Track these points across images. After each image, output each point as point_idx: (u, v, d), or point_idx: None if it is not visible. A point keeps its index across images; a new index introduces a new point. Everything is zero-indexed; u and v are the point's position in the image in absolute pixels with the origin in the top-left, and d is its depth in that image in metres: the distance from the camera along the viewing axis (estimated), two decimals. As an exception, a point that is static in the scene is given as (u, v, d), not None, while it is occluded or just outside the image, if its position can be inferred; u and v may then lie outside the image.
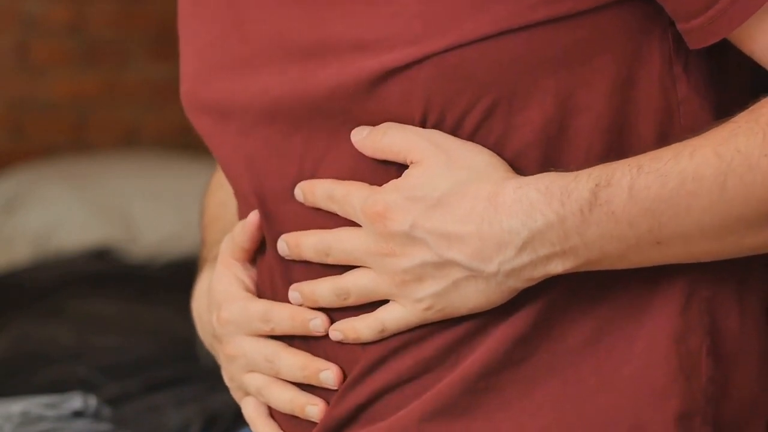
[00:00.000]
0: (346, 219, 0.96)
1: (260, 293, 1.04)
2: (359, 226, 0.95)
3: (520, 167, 0.93)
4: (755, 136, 0.89)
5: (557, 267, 0.91)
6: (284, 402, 1.01)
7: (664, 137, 0.94)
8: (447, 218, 0.91)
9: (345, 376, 0.98)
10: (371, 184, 0.95)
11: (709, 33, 0.91)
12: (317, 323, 0.98)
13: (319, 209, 0.97)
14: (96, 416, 1.44)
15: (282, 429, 1.03)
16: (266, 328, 1.01)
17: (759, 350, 0.97)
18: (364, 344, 0.96)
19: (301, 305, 0.99)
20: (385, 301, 0.95)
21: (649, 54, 0.94)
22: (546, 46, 0.92)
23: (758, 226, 0.90)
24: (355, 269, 0.95)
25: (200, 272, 1.17)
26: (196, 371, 2.17)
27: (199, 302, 1.13)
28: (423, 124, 0.94)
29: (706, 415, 0.94)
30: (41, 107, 3.40)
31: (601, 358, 0.94)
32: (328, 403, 0.99)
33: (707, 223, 0.90)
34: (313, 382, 0.99)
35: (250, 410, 1.05)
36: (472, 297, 0.92)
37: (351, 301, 0.96)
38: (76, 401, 1.43)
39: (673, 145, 0.91)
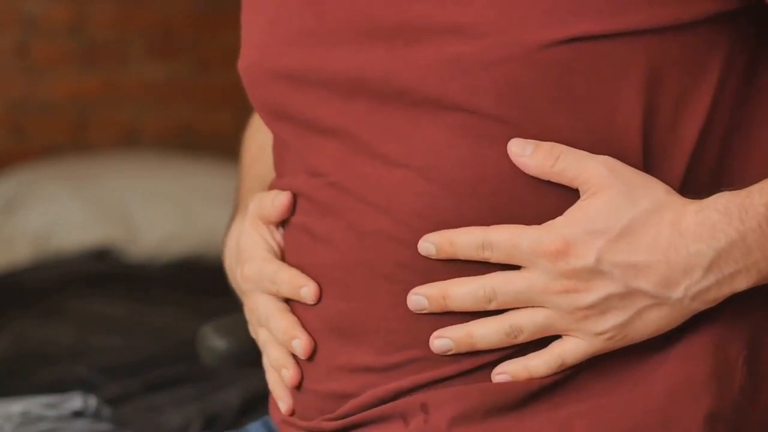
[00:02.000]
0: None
1: (286, 255, 1.06)
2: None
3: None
4: None
5: (741, 283, 0.92)
6: (272, 359, 1.06)
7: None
8: (633, 249, 0.91)
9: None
10: (453, 173, 0.94)
11: None
12: (305, 292, 1.01)
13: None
14: (96, 416, 1.44)
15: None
16: (273, 289, 1.05)
17: None
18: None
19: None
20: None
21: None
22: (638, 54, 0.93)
23: None
24: (524, 308, 0.93)
25: (233, 218, 1.20)
26: (196, 371, 2.17)
27: (230, 255, 1.16)
28: (504, 119, 0.93)
29: (729, 422, 0.95)
30: (41, 107, 3.40)
31: (638, 353, 0.95)
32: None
33: None
34: (287, 347, 1.04)
35: (264, 361, 1.09)
36: (654, 323, 0.93)
37: (521, 339, 0.94)
38: (76, 401, 1.43)
39: None
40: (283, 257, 1.06)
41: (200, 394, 2.08)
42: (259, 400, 1.99)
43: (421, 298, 0.95)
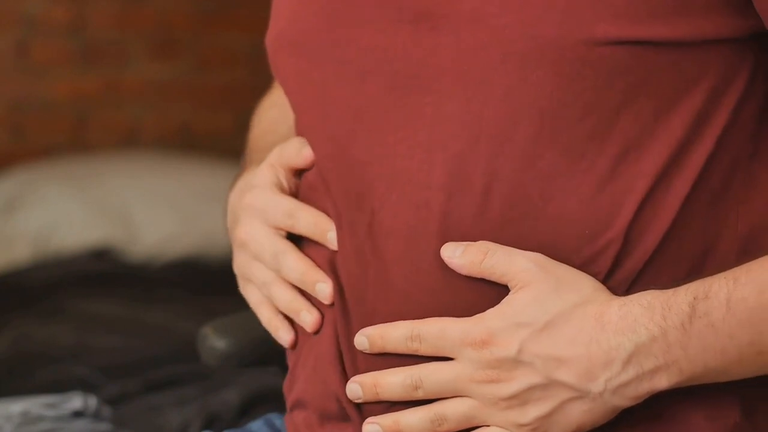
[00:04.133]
0: None
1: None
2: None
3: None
4: None
5: (662, 381, 0.92)
6: (284, 301, 1.04)
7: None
8: (556, 341, 0.92)
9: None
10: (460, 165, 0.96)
11: None
12: (332, 237, 1.01)
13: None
14: (96, 416, 1.44)
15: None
16: (287, 222, 1.04)
17: None
18: None
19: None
20: None
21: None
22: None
23: None
24: (452, 398, 0.95)
25: (242, 172, 1.19)
26: (196, 371, 2.17)
27: (234, 195, 1.14)
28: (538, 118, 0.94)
29: None
30: (41, 107, 3.40)
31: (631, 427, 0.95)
32: None
33: None
34: (308, 290, 1.02)
35: (256, 297, 1.08)
36: (577, 417, 0.93)
37: (445, 428, 0.95)
38: (76, 401, 1.43)
39: (763, 257, 0.92)
40: None
41: (200, 394, 2.08)
42: (259, 400, 1.99)
43: (356, 386, 0.98)
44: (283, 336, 1.06)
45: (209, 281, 2.86)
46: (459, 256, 0.95)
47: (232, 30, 3.46)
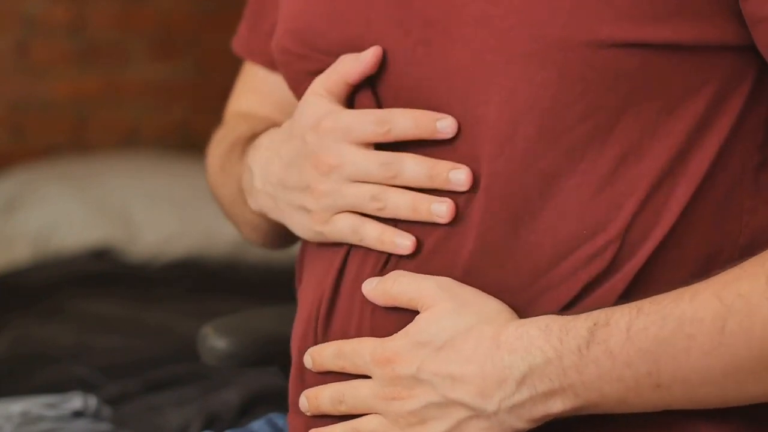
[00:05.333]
0: None
1: None
2: None
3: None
4: (758, 281, 0.88)
5: (556, 405, 0.91)
6: (405, 204, 0.98)
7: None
8: (452, 360, 0.93)
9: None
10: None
11: None
12: (444, 124, 0.96)
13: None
14: (96, 416, 1.44)
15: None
16: (379, 131, 0.98)
17: None
18: None
19: None
20: None
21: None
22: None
23: (762, 372, 0.89)
24: (368, 415, 0.97)
25: (229, 153, 1.16)
26: (196, 371, 2.17)
27: (260, 153, 1.08)
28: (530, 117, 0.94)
29: None
30: (41, 107, 3.40)
31: None
32: None
33: (707, 368, 0.89)
34: (439, 183, 0.97)
35: (350, 221, 1.00)
36: None
37: None
38: (76, 401, 1.43)
39: (676, 290, 0.90)
40: None
41: (200, 394, 2.08)
42: (259, 400, 1.99)
43: (303, 399, 1.01)
44: (404, 242, 0.98)
45: (209, 281, 2.86)
46: (373, 287, 0.98)
47: (232, 30, 3.45)
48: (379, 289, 0.97)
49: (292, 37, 1.07)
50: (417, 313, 0.96)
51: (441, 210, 0.96)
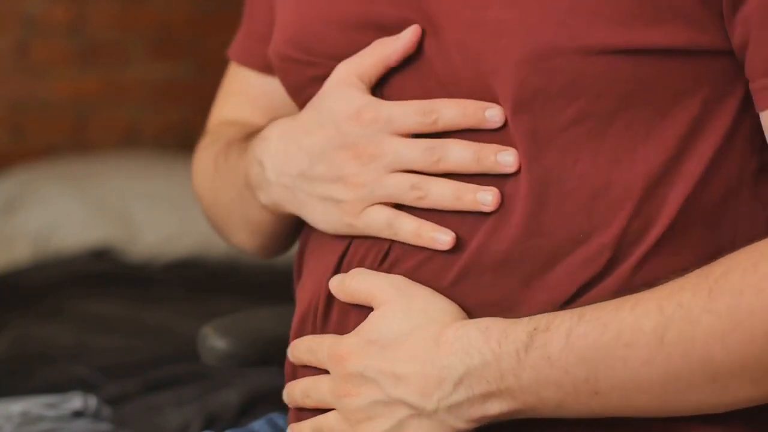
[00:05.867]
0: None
1: None
2: None
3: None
4: (701, 292, 0.87)
5: (494, 407, 0.91)
6: (448, 193, 0.96)
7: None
8: (396, 359, 0.94)
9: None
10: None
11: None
12: (492, 113, 0.94)
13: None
14: (96, 416, 1.44)
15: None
16: (425, 121, 0.96)
17: None
18: None
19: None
20: None
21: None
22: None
23: (702, 384, 0.88)
24: (329, 411, 0.99)
25: (236, 150, 1.13)
26: (196, 371, 2.17)
27: (271, 144, 1.06)
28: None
29: None
30: (41, 107, 3.40)
31: None
32: None
33: (646, 377, 0.88)
34: (486, 167, 0.95)
35: (386, 213, 0.98)
36: None
37: None
38: (76, 401, 1.43)
39: (620, 298, 0.90)
40: None
41: (200, 394, 2.07)
42: (259, 400, 1.99)
43: (284, 391, 1.05)
44: (444, 237, 0.96)
45: (209, 281, 2.86)
46: (336, 284, 1.00)
47: (232, 30, 3.45)
48: (341, 286, 0.99)
49: (294, 45, 1.06)
50: None
51: (487, 199, 0.95)
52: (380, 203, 0.98)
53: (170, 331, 2.44)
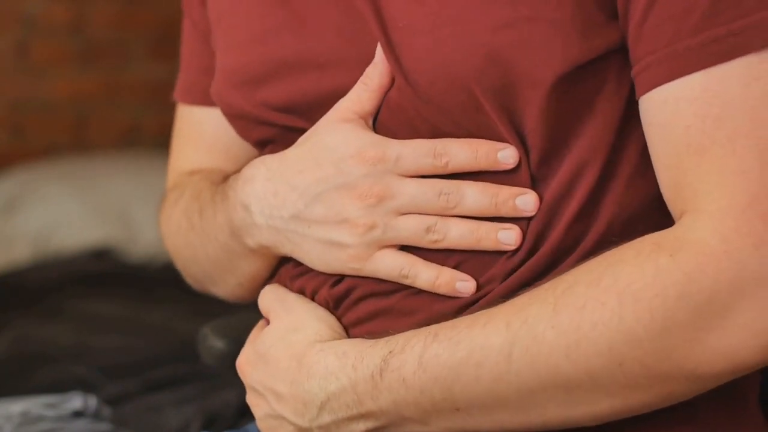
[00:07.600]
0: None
1: None
2: None
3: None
4: (546, 307, 0.86)
5: (359, 427, 0.92)
6: (464, 233, 0.91)
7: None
8: (273, 375, 0.97)
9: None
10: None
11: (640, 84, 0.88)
12: (505, 154, 0.91)
13: None
14: (96, 416, 1.44)
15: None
16: (436, 163, 0.91)
17: None
18: None
19: None
20: None
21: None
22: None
23: (558, 396, 0.87)
24: None
25: (220, 197, 1.06)
26: (196, 371, 2.17)
27: (257, 185, 0.99)
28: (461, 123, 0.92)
29: None
30: (41, 107, 3.40)
31: None
32: None
33: (502, 394, 0.87)
34: (505, 210, 0.90)
35: (401, 260, 0.94)
36: None
37: None
38: (76, 401, 1.43)
39: (475, 314, 0.89)
40: None
41: (200, 394, 2.08)
42: (259, 400, 1.99)
43: None
44: (468, 284, 0.92)
45: (209, 281, 2.86)
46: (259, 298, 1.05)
47: (232, 30, 3.45)
48: (259, 301, 1.04)
49: (241, 94, 1.02)
50: (381, 316, 0.97)
51: (510, 238, 0.91)
52: (389, 246, 0.94)
53: (170, 331, 2.44)
